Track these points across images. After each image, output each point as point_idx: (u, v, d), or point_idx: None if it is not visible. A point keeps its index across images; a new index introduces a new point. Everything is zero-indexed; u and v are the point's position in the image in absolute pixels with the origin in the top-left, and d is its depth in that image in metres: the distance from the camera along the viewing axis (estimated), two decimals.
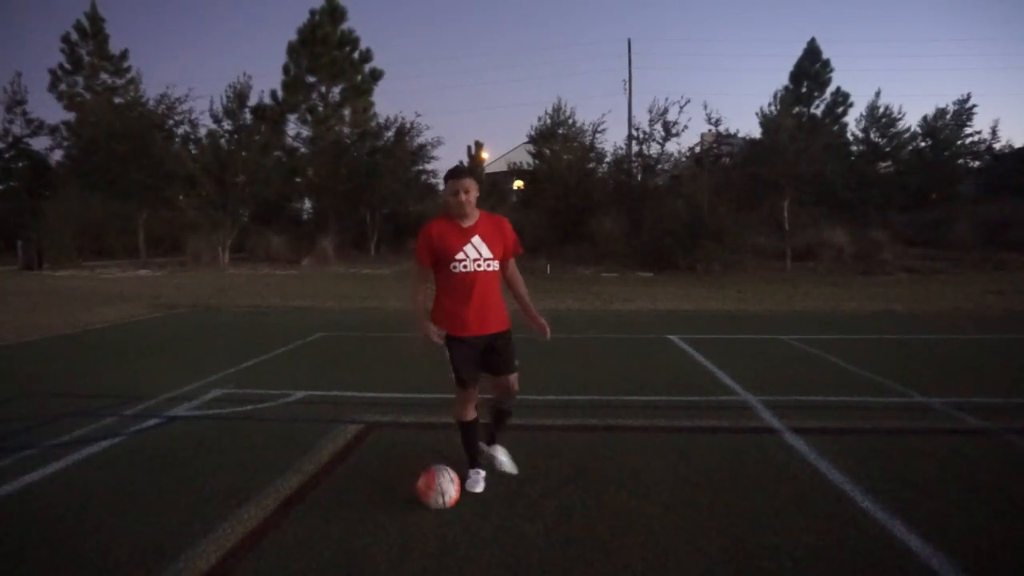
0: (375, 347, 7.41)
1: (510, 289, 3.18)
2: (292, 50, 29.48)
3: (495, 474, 3.20)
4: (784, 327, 8.71)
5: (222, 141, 24.16)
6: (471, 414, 3.10)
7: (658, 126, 22.63)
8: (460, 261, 2.96)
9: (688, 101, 23.04)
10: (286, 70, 29.64)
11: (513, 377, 3.10)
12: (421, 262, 3.06)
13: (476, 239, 2.99)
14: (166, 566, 2.40)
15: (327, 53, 29.10)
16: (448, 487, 2.89)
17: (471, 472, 3.14)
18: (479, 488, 3.08)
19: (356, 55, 30.49)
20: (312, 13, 29.37)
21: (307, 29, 29.32)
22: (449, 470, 2.97)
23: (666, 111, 22.42)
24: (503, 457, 3.21)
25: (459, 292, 2.99)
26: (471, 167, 30.38)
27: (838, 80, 34.89)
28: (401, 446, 3.80)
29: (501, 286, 3.12)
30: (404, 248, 25.02)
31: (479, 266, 2.97)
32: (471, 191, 2.97)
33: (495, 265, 3.02)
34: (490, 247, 3.00)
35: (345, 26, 29.99)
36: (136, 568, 2.40)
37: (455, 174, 2.97)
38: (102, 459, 3.60)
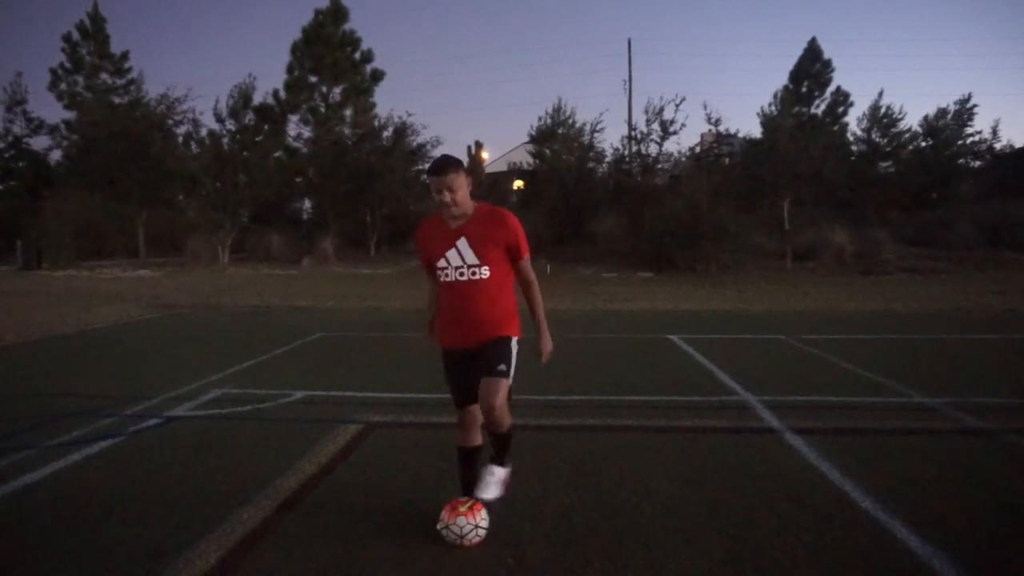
0: (375, 347, 7.41)
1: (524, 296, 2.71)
2: (296, 50, 29.52)
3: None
4: (784, 327, 8.71)
5: (223, 141, 24.17)
6: (467, 439, 2.75)
7: (655, 125, 22.69)
8: (442, 269, 2.58)
9: (683, 99, 23.09)
10: (290, 70, 29.68)
11: (491, 383, 2.50)
12: (422, 264, 2.78)
13: (462, 242, 2.55)
14: (166, 566, 2.40)
15: (330, 54, 29.15)
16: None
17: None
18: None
19: (357, 56, 30.54)
20: (317, 13, 29.43)
21: (311, 29, 29.36)
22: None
23: (662, 110, 22.47)
24: (488, 478, 2.72)
25: (446, 302, 2.64)
26: (470, 161, 30.21)
27: (838, 80, 34.87)
28: (401, 446, 3.80)
29: (512, 292, 2.68)
30: (404, 248, 25.06)
31: (461, 275, 2.55)
32: (457, 188, 2.49)
33: (484, 272, 2.54)
34: (478, 251, 2.54)
35: (347, 26, 30.06)
36: (136, 568, 2.40)
37: (434, 170, 2.50)
38: (102, 459, 3.60)
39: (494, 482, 2.73)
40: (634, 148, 24.44)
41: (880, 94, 27.86)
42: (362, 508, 2.92)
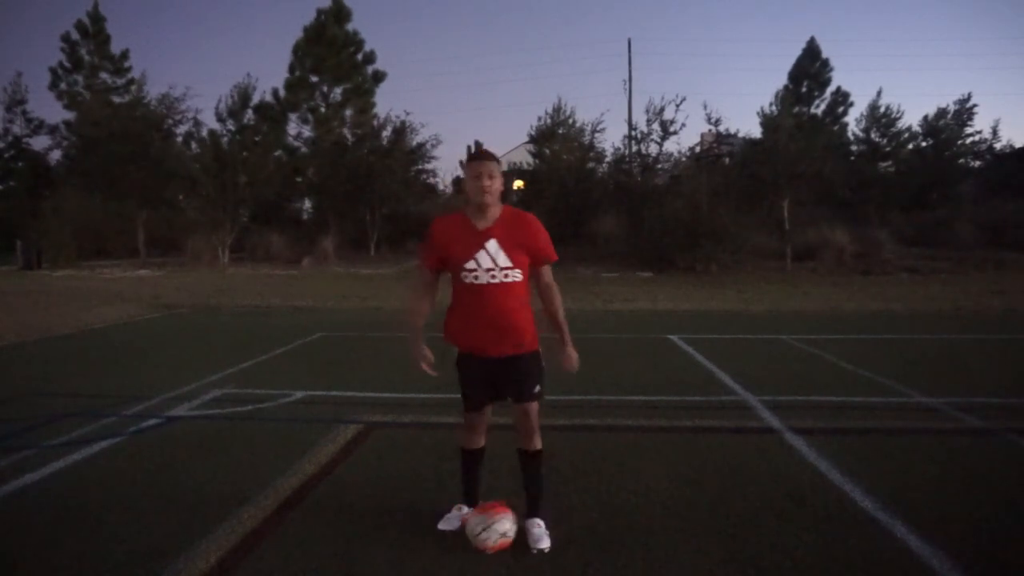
0: (375, 347, 7.40)
1: (542, 303, 2.65)
2: (297, 49, 29.50)
3: (496, 474, 3.19)
4: (784, 327, 8.71)
5: (223, 140, 24.17)
6: (473, 442, 2.73)
7: (655, 125, 22.69)
8: (471, 271, 2.47)
9: (684, 99, 23.04)
10: (291, 69, 29.65)
11: (529, 407, 2.57)
12: (424, 261, 2.61)
13: (492, 244, 2.48)
14: (165, 566, 2.40)
15: (332, 55, 29.12)
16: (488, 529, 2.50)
17: (453, 508, 2.78)
18: (451, 527, 2.68)
19: (359, 56, 30.53)
20: (319, 13, 29.42)
21: (313, 29, 29.35)
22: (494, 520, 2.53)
23: (662, 110, 22.47)
24: (536, 531, 2.60)
25: (470, 305, 2.52)
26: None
27: (838, 80, 34.88)
28: (401, 446, 3.80)
29: (530, 298, 2.60)
30: (404, 248, 25.03)
31: (493, 277, 2.46)
32: (496, 177, 2.48)
33: (516, 275, 2.50)
34: (509, 254, 2.48)
35: (349, 27, 30.04)
36: (136, 568, 2.40)
37: (478, 155, 2.51)
38: (102, 459, 3.60)
39: (543, 533, 2.59)
40: (634, 148, 24.43)
41: (879, 93, 27.87)
42: (362, 508, 2.92)
